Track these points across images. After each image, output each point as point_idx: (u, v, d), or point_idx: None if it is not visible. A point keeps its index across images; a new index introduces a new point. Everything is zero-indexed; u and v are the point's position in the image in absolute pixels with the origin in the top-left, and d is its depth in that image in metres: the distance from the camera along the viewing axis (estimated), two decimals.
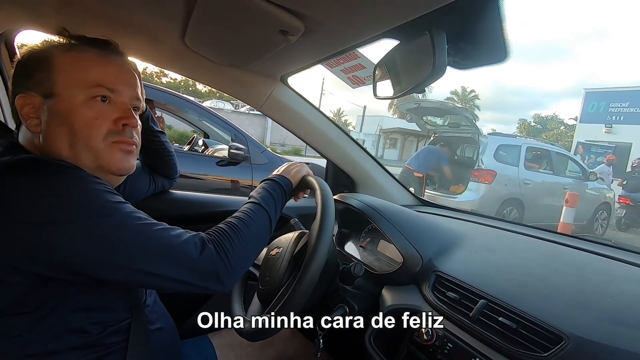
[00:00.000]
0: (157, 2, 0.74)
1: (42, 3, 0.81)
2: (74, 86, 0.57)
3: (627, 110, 11.73)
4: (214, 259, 0.57)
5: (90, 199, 0.50)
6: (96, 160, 0.58)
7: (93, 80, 0.58)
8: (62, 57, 0.58)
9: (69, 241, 0.48)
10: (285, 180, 0.77)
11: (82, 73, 0.58)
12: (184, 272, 0.55)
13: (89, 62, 0.59)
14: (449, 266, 0.82)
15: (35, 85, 0.57)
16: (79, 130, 0.57)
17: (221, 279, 0.58)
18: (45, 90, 0.57)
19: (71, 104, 0.57)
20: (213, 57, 0.97)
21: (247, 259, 0.64)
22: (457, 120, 5.30)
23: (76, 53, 0.59)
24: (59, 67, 0.57)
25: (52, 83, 0.57)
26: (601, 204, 5.98)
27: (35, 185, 0.49)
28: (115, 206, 0.52)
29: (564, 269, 0.80)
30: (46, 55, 0.58)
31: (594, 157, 11.42)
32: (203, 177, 2.72)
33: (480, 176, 4.91)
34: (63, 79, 0.57)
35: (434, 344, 0.70)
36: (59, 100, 0.57)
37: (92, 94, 0.58)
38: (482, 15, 0.53)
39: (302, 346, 1.06)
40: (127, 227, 0.52)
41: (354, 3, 0.55)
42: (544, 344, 0.58)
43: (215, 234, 0.60)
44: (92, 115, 0.58)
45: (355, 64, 0.94)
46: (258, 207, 0.69)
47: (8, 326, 0.49)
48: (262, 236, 0.68)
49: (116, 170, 0.61)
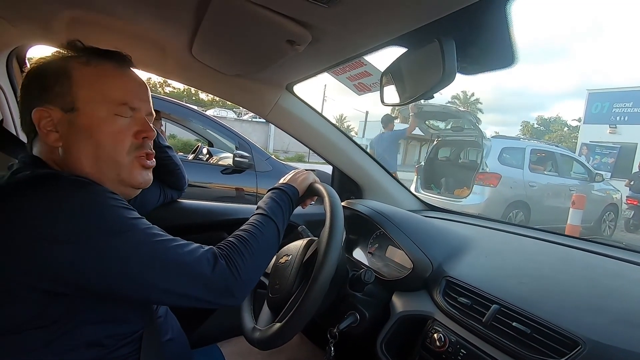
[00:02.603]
0: (166, 15, 0.75)
1: (53, 19, 0.82)
2: (96, 101, 0.57)
3: (632, 111, 11.66)
4: (226, 274, 0.57)
5: (107, 217, 0.50)
6: (119, 174, 0.59)
7: (116, 96, 0.59)
8: (81, 70, 0.58)
9: (85, 260, 0.48)
10: (292, 189, 0.78)
11: (105, 88, 0.58)
12: (197, 289, 0.55)
13: (110, 77, 0.60)
14: (459, 271, 0.81)
15: (54, 99, 0.56)
16: (105, 145, 0.57)
17: (234, 294, 0.58)
18: (65, 104, 0.56)
19: (95, 118, 0.57)
20: (220, 67, 0.98)
21: (258, 272, 0.64)
22: (460, 123, 5.30)
23: (96, 67, 0.59)
24: (79, 81, 0.57)
25: (73, 97, 0.56)
26: (608, 205, 5.93)
27: (53, 202, 0.49)
28: (132, 222, 0.53)
29: (576, 272, 0.79)
30: (64, 68, 0.57)
31: (598, 158, 11.33)
32: (208, 185, 2.73)
33: (485, 179, 4.89)
34: (85, 93, 0.57)
35: (446, 350, 0.69)
36: (81, 114, 0.57)
37: (116, 110, 0.58)
38: (490, 20, 0.54)
39: (312, 353, 1.06)
40: (143, 244, 0.52)
41: (362, 12, 0.56)
42: (559, 349, 0.57)
43: (227, 249, 0.60)
44: (117, 130, 0.58)
45: (362, 72, 0.95)
46: (266, 218, 0.69)
47: (25, 341, 0.49)
48: (271, 247, 0.68)
49: (137, 185, 0.62)
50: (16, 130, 1.13)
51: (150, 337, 0.62)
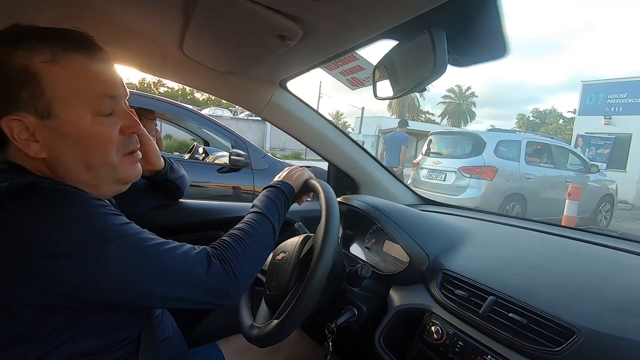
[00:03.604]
0: (156, 11, 0.74)
1: (41, 17, 0.81)
2: (75, 105, 0.52)
3: (626, 101, 11.70)
4: (220, 275, 0.56)
5: (97, 226, 0.48)
6: (114, 175, 0.57)
7: (94, 91, 0.53)
8: (50, 72, 0.50)
9: (80, 271, 0.46)
10: (287, 186, 0.77)
11: (81, 88, 0.52)
12: (192, 291, 0.54)
13: (82, 73, 0.52)
14: (455, 264, 0.81)
15: (23, 106, 0.50)
16: (95, 150, 0.54)
17: (229, 294, 0.58)
18: (39, 110, 0.50)
19: (78, 124, 0.52)
20: (212, 64, 0.97)
21: (253, 270, 0.64)
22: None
23: (64, 65, 0.51)
24: (51, 85, 0.50)
25: (47, 102, 0.50)
26: (604, 195, 5.97)
27: (41, 216, 0.46)
28: (123, 229, 0.51)
29: (571, 261, 0.79)
30: (29, 70, 0.49)
31: (594, 149, 11.38)
32: (205, 184, 2.72)
33: (481, 172, 4.91)
34: (61, 96, 0.51)
35: (444, 343, 0.69)
36: (62, 121, 0.51)
37: (97, 108, 0.54)
38: (481, 11, 0.53)
39: (310, 349, 1.06)
40: (135, 250, 0.51)
41: (352, 5, 0.55)
42: (556, 338, 0.57)
43: (221, 248, 0.60)
44: (104, 133, 0.55)
45: (354, 66, 0.95)
46: (261, 216, 0.68)
47: (20, 355, 0.48)
48: (266, 245, 0.68)
49: (132, 180, 0.61)
50: None
51: (147, 338, 0.62)
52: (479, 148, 5.14)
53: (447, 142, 5.87)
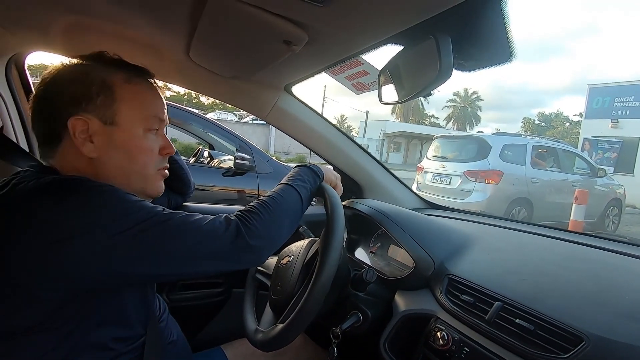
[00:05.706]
0: (162, 19, 0.75)
1: (51, 25, 0.83)
2: (136, 118, 0.61)
3: (633, 104, 11.59)
4: (240, 230, 0.58)
5: (140, 210, 0.53)
6: (145, 187, 0.64)
7: (151, 112, 0.63)
8: (124, 87, 0.60)
9: (123, 250, 0.50)
10: (316, 167, 0.80)
11: (143, 107, 0.62)
12: (216, 249, 0.57)
13: (147, 95, 0.63)
14: (461, 269, 0.81)
15: (94, 109, 0.57)
16: (138, 160, 0.61)
17: (252, 248, 0.59)
18: (106, 117, 0.58)
19: (132, 135, 0.61)
20: (218, 69, 0.98)
21: (277, 229, 0.65)
22: None
23: (135, 85, 0.62)
24: (122, 98, 0.59)
25: (114, 111, 0.59)
26: (611, 199, 5.90)
27: (86, 207, 0.50)
28: (158, 210, 0.55)
29: (579, 267, 0.78)
30: (107, 82, 0.59)
31: (601, 153, 11.27)
32: (210, 188, 2.73)
33: (486, 176, 4.88)
34: (126, 110, 0.60)
35: (450, 349, 0.68)
36: (120, 130, 0.59)
37: (149, 126, 0.62)
38: (486, 16, 0.53)
39: (315, 354, 1.06)
40: (170, 226, 0.54)
41: (357, 11, 0.56)
42: (563, 345, 0.56)
43: (242, 212, 0.63)
44: (149, 147, 0.63)
45: (359, 71, 0.95)
46: (286, 186, 0.71)
47: (34, 344, 0.49)
48: (292, 211, 0.69)
49: (156, 195, 0.67)
50: (16, 137, 1.13)
51: (152, 341, 0.63)
52: (485, 152, 5.11)
53: (452, 146, 5.84)
